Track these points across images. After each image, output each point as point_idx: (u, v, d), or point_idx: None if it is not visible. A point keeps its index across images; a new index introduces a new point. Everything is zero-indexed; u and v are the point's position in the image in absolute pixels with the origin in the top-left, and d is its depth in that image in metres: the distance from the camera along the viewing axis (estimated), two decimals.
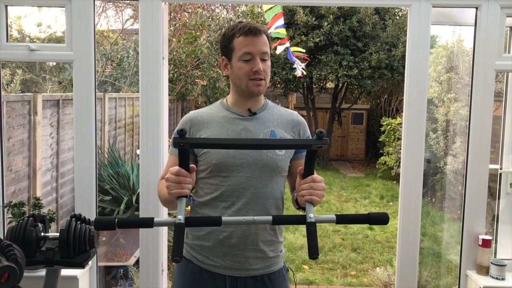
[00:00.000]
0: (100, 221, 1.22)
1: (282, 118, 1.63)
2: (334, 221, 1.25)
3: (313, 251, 1.16)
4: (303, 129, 1.65)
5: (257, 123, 1.58)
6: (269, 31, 4.08)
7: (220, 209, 1.53)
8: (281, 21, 3.93)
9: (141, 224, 1.25)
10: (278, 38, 4.45)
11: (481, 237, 2.23)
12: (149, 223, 1.21)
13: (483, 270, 2.24)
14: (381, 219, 1.26)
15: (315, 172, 1.35)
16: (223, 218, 1.23)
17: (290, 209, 1.57)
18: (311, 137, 1.64)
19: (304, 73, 8.29)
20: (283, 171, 1.59)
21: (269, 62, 1.56)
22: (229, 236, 1.52)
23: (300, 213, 1.33)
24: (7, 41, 2.21)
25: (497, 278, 2.20)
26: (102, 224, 1.22)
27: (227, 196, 1.53)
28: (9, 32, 2.25)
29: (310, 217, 1.21)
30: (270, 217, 1.25)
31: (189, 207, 1.71)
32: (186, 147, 1.20)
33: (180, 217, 1.19)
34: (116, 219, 1.20)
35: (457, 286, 2.35)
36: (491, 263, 2.23)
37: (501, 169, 2.47)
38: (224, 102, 1.65)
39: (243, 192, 1.52)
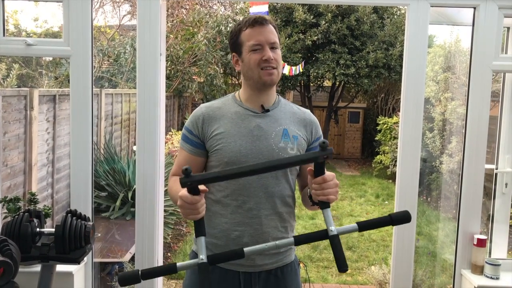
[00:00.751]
0: (123, 277, 1.22)
1: (295, 116, 1.62)
2: (356, 230, 1.23)
3: (342, 264, 1.14)
4: (316, 129, 1.65)
5: (270, 120, 1.57)
6: (251, 10, 4.01)
7: (232, 208, 1.53)
8: (264, 8, 3.84)
9: (165, 271, 1.24)
10: None
11: (476, 236, 2.24)
12: (173, 269, 1.21)
13: (478, 269, 2.25)
14: (403, 219, 1.22)
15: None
16: (245, 250, 1.23)
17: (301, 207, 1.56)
18: (322, 137, 1.65)
19: (297, 71, 8.28)
20: (294, 170, 1.59)
21: (279, 52, 1.55)
22: (241, 235, 1.52)
23: (310, 216, 1.28)
24: (3, 35, 2.19)
25: (491, 278, 2.21)
26: (126, 280, 1.21)
27: (238, 194, 1.53)
28: (5, 26, 2.23)
29: (331, 230, 1.18)
30: (292, 239, 1.24)
31: None
32: (193, 185, 1.21)
33: (202, 257, 1.19)
34: (140, 271, 1.20)
35: (451, 285, 2.36)
36: (486, 262, 2.24)
37: (496, 169, 2.48)
38: (236, 97, 1.63)
39: (254, 191, 1.52)
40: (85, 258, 2.12)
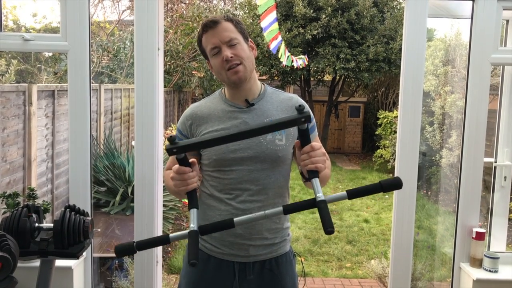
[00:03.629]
0: (120, 248, 1.28)
1: (282, 104, 1.61)
2: (345, 198, 1.21)
3: (328, 225, 1.13)
4: None
5: (256, 114, 1.57)
6: (262, 25, 4.03)
7: (225, 201, 1.55)
8: (273, 15, 3.87)
9: (158, 242, 1.30)
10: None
11: (475, 229, 2.24)
12: (166, 240, 1.26)
13: (477, 262, 2.25)
14: (393, 185, 1.20)
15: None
16: (235, 220, 1.24)
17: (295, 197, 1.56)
18: (314, 120, 1.65)
19: (300, 65, 8.25)
20: (286, 160, 1.58)
21: (241, 46, 1.53)
22: None
23: (309, 196, 1.28)
24: (1, 30, 2.19)
25: (490, 271, 2.22)
26: (122, 251, 1.28)
27: (230, 189, 1.54)
28: (4, 22, 2.23)
29: (319, 196, 1.18)
30: (281, 208, 1.24)
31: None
32: (179, 152, 1.26)
33: (193, 225, 1.22)
34: (134, 243, 1.26)
35: (450, 279, 2.37)
36: (484, 255, 2.24)
37: (495, 162, 2.48)
38: (222, 93, 1.64)
39: (246, 185, 1.53)
40: (84, 253, 2.13)
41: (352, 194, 1.20)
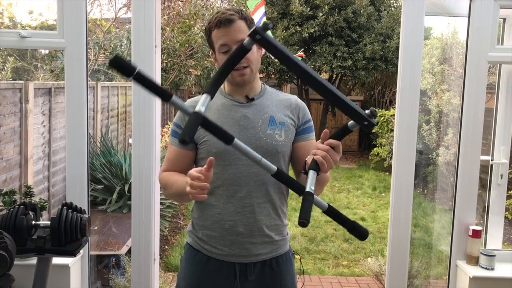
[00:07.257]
0: (118, 60, 1.05)
1: (282, 102, 1.62)
2: (325, 208, 1.21)
3: (303, 216, 1.08)
4: (303, 113, 1.63)
5: (256, 109, 1.57)
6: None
7: (224, 198, 1.54)
8: (262, 10, 3.88)
9: (157, 91, 1.12)
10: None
11: (471, 227, 2.25)
12: (167, 96, 1.11)
13: (473, 260, 2.26)
14: (359, 232, 1.20)
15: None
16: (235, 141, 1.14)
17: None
18: (312, 122, 1.65)
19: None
20: (285, 156, 1.58)
21: (252, 48, 1.53)
22: (235, 224, 1.53)
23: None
24: None
25: (486, 268, 2.23)
26: (119, 64, 1.05)
27: (229, 184, 1.53)
28: (0, 19, 2.22)
29: (312, 189, 1.14)
30: (276, 167, 1.19)
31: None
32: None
33: (202, 108, 1.08)
34: (136, 70, 1.06)
35: (447, 277, 2.37)
36: (481, 253, 2.25)
37: (492, 160, 2.48)
38: (222, 89, 1.63)
39: (244, 180, 1.52)
40: (81, 251, 2.13)
41: (331, 211, 1.21)
